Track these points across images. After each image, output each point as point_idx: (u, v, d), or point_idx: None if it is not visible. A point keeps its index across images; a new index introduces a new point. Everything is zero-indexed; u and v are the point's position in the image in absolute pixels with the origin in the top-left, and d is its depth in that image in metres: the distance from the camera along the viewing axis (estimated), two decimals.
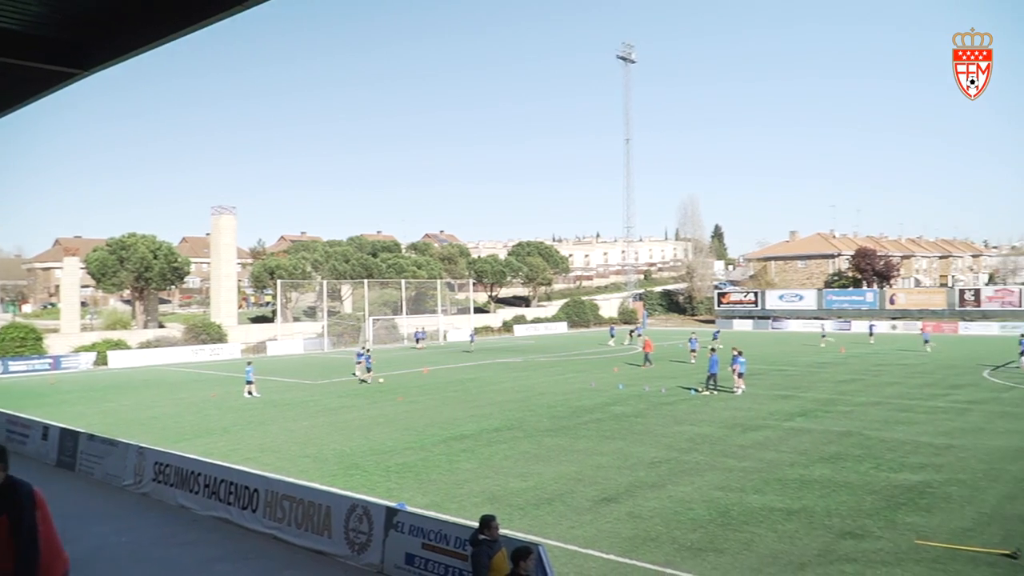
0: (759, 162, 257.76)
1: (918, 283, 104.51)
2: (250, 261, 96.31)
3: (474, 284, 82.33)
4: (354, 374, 38.06)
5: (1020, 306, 67.71)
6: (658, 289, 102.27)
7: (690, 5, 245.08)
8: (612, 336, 61.18)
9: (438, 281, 73.39)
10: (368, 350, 39.40)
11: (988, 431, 21.23)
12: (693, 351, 43.87)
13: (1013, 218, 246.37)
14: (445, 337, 68.72)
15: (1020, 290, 70.06)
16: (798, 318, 77.25)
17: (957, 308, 71.38)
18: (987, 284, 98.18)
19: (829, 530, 12.83)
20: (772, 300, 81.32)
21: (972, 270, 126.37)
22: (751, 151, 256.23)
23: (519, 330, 76.94)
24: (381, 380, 36.06)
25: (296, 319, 69.65)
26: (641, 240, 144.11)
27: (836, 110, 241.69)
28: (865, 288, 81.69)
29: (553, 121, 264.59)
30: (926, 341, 50.59)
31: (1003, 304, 69.22)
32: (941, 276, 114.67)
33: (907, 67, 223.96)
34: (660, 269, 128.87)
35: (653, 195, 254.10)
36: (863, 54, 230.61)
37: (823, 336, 61.39)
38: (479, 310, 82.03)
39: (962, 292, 73.77)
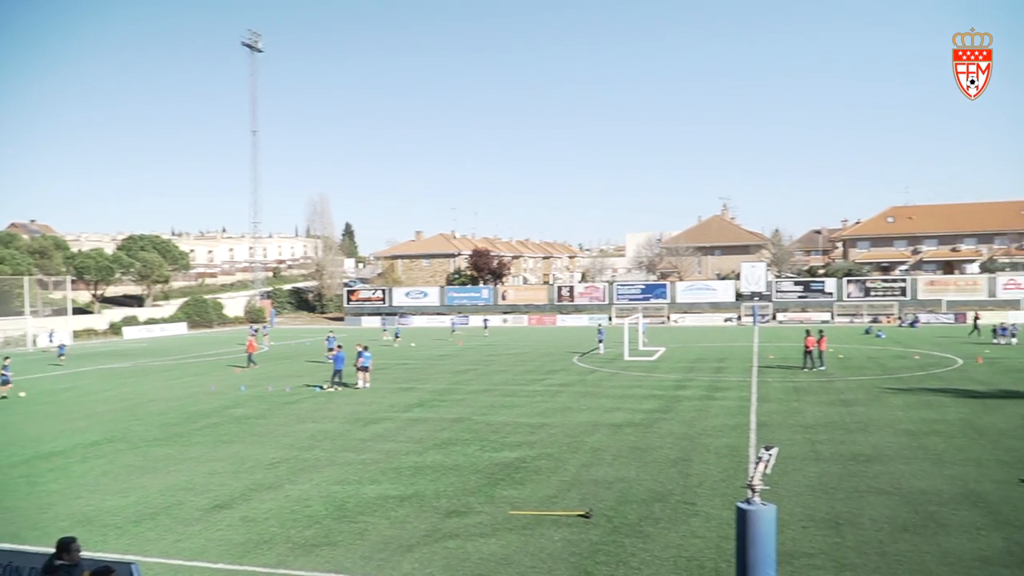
0: (389, 162, 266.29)
1: (526, 281, 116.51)
2: None
3: (74, 282, 72.81)
4: None
5: (604, 301, 78.94)
6: (287, 287, 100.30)
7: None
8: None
9: (26, 278, 63.60)
10: None
11: (573, 409, 24.36)
12: (331, 350, 43.44)
13: (602, 225, 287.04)
14: (35, 342, 59.83)
15: (604, 287, 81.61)
16: (423, 314, 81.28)
17: (556, 303, 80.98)
18: (580, 282, 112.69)
19: (437, 511, 13.66)
20: (399, 297, 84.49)
21: (569, 269, 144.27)
22: (382, 150, 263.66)
23: (130, 332, 70.05)
24: None
25: None
26: (270, 236, 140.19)
27: (461, 117, 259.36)
28: (482, 285, 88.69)
29: (175, 106, 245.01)
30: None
31: (591, 299, 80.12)
32: (544, 275, 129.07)
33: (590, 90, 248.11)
34: (290, 266, 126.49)
35: (283, 191, 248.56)
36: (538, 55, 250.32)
37: (453, 331, 65.84)
38: (80, 311, 72.87)
39: (560, 289, 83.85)
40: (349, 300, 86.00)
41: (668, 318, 75.35)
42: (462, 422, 22.45)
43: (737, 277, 79.05)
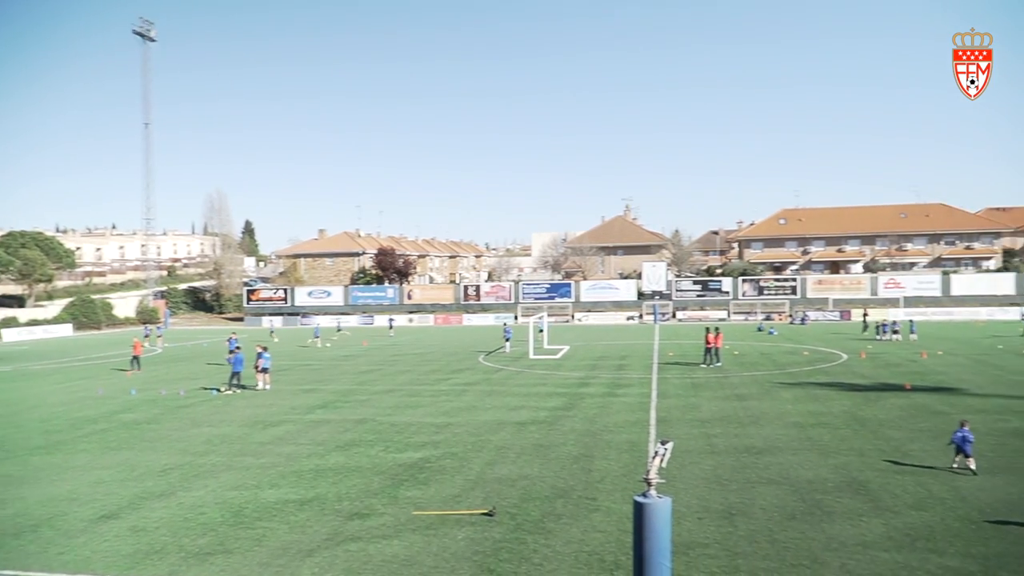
0: (291, 159, 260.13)
1: (432, 280, 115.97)
2: None
3: None
4: None
5: (510, 300, 79.40)
6: (183, 286, 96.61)
7: None
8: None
9: None
10: None
11: (479, 408, 24.41)
12: (232, 352, 41.87)
13: (509, 225, 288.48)
14: None
15: (510, 286, 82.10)
16: (327, 314, 79.72)
17: (462, 302, 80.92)
18: (486, 281, 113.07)
19: (339, 514, 13.42)
20: (302, 297, 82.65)
21: (475, 269, 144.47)
22: (284, 147, 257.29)
23: (10, 334, 66.01)
24: None
25: None
26: (164, 234, 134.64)
27: (365, 115, 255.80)
28: (387, 285, 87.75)
29: (60, 95, 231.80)
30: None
31: (497, 298, 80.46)
32: (450, 274, 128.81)
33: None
34: (186, 265, 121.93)
35: (179, 187, 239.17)
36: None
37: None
38: None
39: (466, 288, 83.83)
40: (249, 300, 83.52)
41: (573, 317, 76.46)
42: (366, 423, 22.15)
43: (639, 276, 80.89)
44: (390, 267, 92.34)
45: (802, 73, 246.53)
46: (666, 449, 8.55)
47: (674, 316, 74.78)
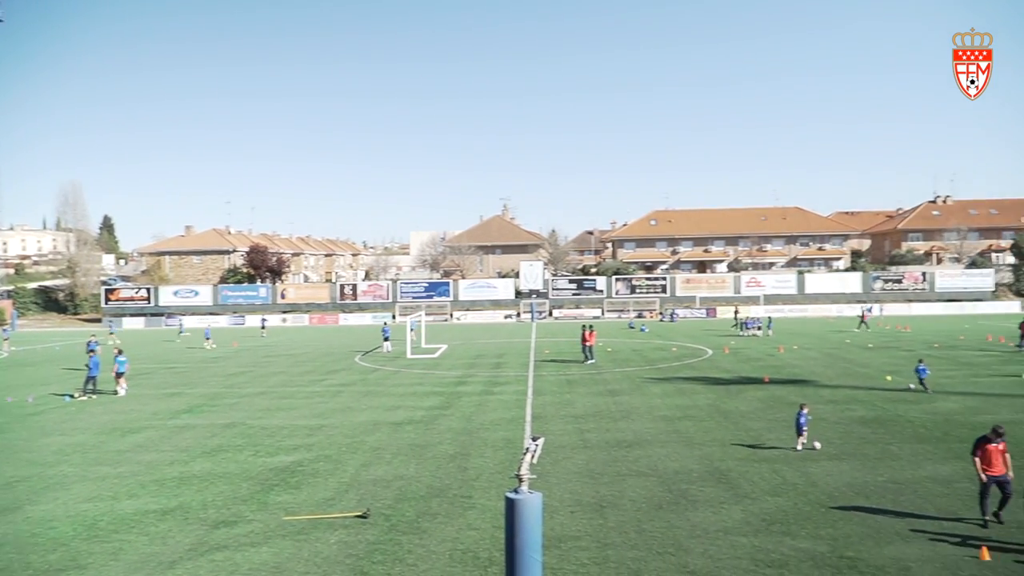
0: (155, 152, 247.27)
1: (307, 279, 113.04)
2: None
3: None
4: None
5: (388, 299, 78.51)
6: (33, 285, 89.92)
7: None
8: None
9: None
10: None
11: (354, 409, 24.01)
12: (91, 351, 39.08)
13: (387, 223, 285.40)
14: None
15: (388, 285, 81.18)
16: (194, 314, 76.26)
17: (339, 301, 79.31)
18: (363, 280, 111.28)
19: (204, 523, 12.88)
20: (167, 296, 78.71)
21: (352, 267, 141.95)
22: (147, 138, 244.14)
23: None
24: None
25: None
26: (12, 229, 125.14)
27: (236, 110, 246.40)
28: (259, 284, 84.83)
29: None
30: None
31: (375, 297, 79.37)
32: (326, 273, 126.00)
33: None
34: (36, 263, 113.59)
35: (28, 179, 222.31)
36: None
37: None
38: None
39: (342, 287, 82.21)
40: (108, 300, 78.67)
41: (451, 316, 76.48)
42: (234, 427, 21.35)
43: (517, 275, 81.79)
44: (262, 265, 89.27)
45: (671, 77, 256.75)
46: (537, 445, 8.69)
47: (550, 314, 76.09)
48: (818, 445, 17.20)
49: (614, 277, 79.37)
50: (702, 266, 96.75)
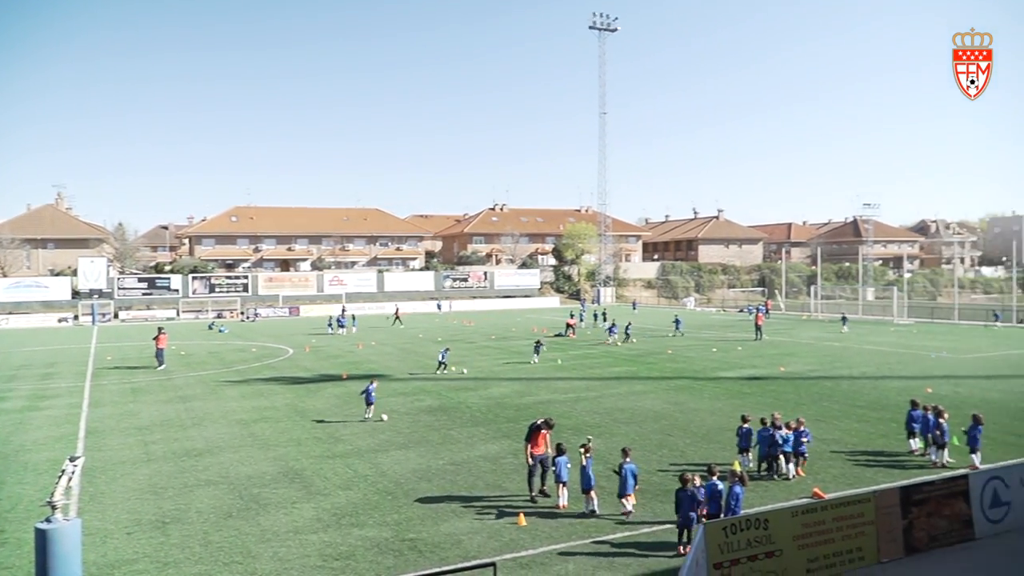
0: None
1: None
2: None
3: None
4: None
5: None
6: None
7: None
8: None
9: None
10: None
11: None
12: None
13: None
14: None
15: None
16: None
17: None
18: None
19: None
20: None
21: None
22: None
23: None
24: None
25: None
26: None
27: None
28: None
29: None
30: None
31: None
32: None
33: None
34: None
35: None
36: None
37: None
38: None
39: None
40: None
41: None
42: None
43: (74, 273, 72.45)
44: None
45: (228, 72, 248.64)
46: (75, 466, 7.76)
47: (116, 316, 68.80)
48: (385, 417, 20.09)
49: (191, 276, 74.77)
50: (285, 264, 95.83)
